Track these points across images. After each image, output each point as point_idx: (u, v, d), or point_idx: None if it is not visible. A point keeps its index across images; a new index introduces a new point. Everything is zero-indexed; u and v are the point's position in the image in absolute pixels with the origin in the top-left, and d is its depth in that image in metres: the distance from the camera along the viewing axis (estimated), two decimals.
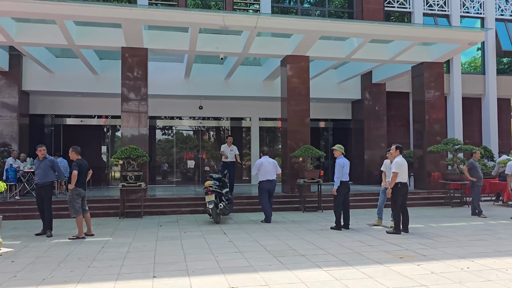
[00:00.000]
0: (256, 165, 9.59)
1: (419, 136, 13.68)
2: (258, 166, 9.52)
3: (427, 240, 7.22)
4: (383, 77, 15.85)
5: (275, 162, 9.70)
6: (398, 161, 8.11)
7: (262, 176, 9.48)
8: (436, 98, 13.38)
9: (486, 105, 18.60)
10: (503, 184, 12.21)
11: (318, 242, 7.11)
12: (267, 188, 9.49)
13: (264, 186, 9.48)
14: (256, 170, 9.58)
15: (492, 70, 18.43)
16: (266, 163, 9.50)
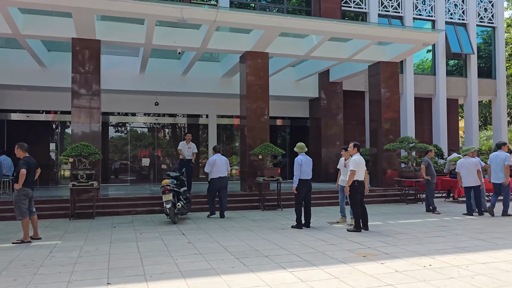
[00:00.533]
0: (210, 163, 9.71)
1: (375, 134, 13.93)
2: (212, 163, 9.68)
3: (388, 238, 7.27)
4: (340, 76, 16.02)
5: (227, 160, 9.93)
6: (355, 159, 8.12)
7: (215, 173, 9.69)
8: (392, 97, 13.68)
9: (436, 105, 19.31)
10: (454, 181, 12.66)
11: (280, 242, 6.97)
12: (219, 185, 9.72)
13: (216, 183, 9.71)
14: (210, 167, 9.71)
15: (442, 71, 19.15)
16: (219, 161, 9.71)
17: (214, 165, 9.66)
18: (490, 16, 20.36)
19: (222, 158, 9.80)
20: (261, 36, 11.15)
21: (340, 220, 9.06)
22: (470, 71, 19.75)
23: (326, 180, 16.11)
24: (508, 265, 5.43)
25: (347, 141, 17.48)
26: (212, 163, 9.68)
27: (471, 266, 5.40)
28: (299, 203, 8.40)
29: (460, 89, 19.82)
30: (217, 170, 9.68)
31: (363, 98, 18.48)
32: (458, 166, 10.21)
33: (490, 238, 7.22)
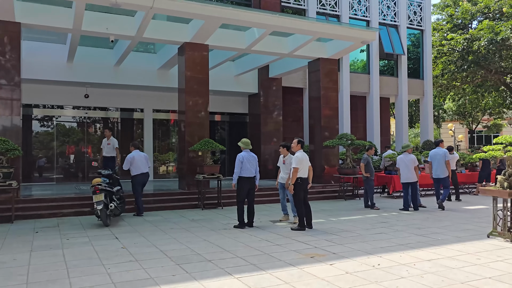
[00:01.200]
0: (128, 160, 9.41)
1: (313, 131, 13.96)
2: (131, 160, 9.39)
3: (333, 236, 7.15)
4: (279, 72, 15.91)
5: (146, 156, 9.76)
6: (298, 156, 7.93)
7: (136, 170, 9.42)
8: (331, 94, 13.78)
9: (370, 103, 19.91)
10: (388, 177, 13.03)
11: (223, 244, 6.57)
12: (142, 182, 9.54)
13: (139, 179, 9.48)
14: (129, 165, 9.41)
15: (375, 71, 19.78)
16: (138, 157, 9.48)
17: (133, 162, 9.41)
18: (419, 19, 21.36)
19: (141, 154, 9.59)
20: (201, 27, 10.63)
21: (282, 218, 8.86)
22: (401, 71, 20.60)
23: (265, 177, 15.92)
24: (452, 262, 5.47)
25: (285, 138, 17.50)
26: (131, 160, 9.42)
27: (418, 264, 5.37)
28: (241, 202, 8.05)
29: (392, 88, 20.62)
30: (138, 167, 9.44)
31: (301, 95, 18.59)
32: (398, 162, 10.44)
33: (429, 233, 7.36)
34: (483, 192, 7.12)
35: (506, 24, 20.44)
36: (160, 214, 9.70)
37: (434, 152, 10.76)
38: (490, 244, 6.49)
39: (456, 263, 5.41)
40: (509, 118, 36.74)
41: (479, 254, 5.86)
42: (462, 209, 10.51)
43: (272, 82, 16.51)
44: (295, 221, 8.43)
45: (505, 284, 4.58)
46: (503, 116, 36.23)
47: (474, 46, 21.24)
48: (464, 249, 6.19)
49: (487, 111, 34.90)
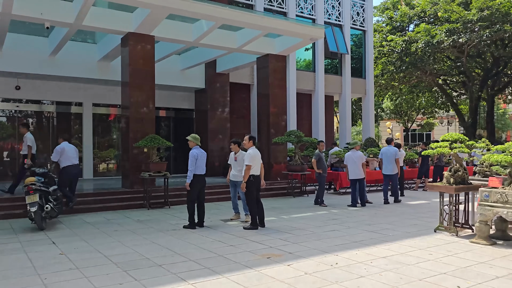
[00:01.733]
0: (58, 150, 8.97)
1: (262, 128, 13.81)
2: (60, 151, 8.95)
3: (286, 235, 6.99)
4: (227, 67, 15.60)
5: (75, 148, 9.41)
6: (250, 153, 7.72)
7: (66, 161, 8.98)
8: (279, 90, 13.70)
9: (315, 101, 20.17)
10: (335, 173, 13.21)
11: (174, 246, 6.18)
12: (74, 173, 9.15)
13: (71, 170, 9.03)
14: (58, 156, 8.92)
15: (321, 69, 20.06)
16: (68, 148, 9.10)
17: (63, 152, 8.96)
18: (361, 20, 21.96)
19: (71, 146, 9.24)
20: (147, 16, 10.06)
21: (234, 217, 8.59)
22: (344, 70, 21.06)
23: (212, 174, 15.55)
24: (406, 258, 5.50)
25: (232, 134, 17.22)
26: (61, 151, 8.94)
27: (374, 261, 5.34)
28: (192, 201, 7.68)
29: (336, 87, 21.03)
30: (68, 158, 8.99)
31: (248, 91, 18.40)
32: (346, 159, 10.54)
33: (380, 229, 7.44)
34: (430, 188, 7.30)
35: (441, 28, 21.55)
36: (102, 215, 9.06)
37: (386, 150, 11.18)
38: (438, 239, 6.66)
39: (410, 259, 5.45)
40: (440, 118, 39.13)
41: (430, 249, 5.96)
42: (405, 204, 10.84)
43: (220, 77, 16.16)
44: (246, 219, 8.21)
45: (460, 279, 4.64)
46: (435, 116, 38.52)
47: (412, 48, 22.22)
48: (415, 244, 6.29)
49: (421, 111, 36.91)
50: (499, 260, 5.42)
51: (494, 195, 6.25)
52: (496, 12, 19.89)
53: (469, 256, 5.60)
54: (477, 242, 6.38)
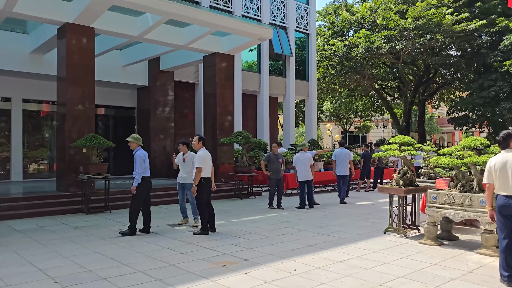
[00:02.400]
0: None
1: (209, 128, 13.45)
2: None
3: (239, 240, 6.73)
4: (172, 65, 15.07)
5: None
6: (201, 154, 7.38)
7: None
8: (226, 90, 13.42)
9: (260, 102, 20.12)
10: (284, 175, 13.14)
11: (119, 256, 5.69)
12: None
13: None
14: None
15: (266, 70, 20.05)
16: None
17: None
18: (305, 23, 22.26)
19: None
20: (87, 6, 9.35)
21: (182, 221, 8.17)
22: (289, 72, 21.23)
23: (155, 175, 14.90)
24: (363, 262, 5.46)
25: (177, 134, 16.70)
26: None
27: (332, 266, 5.23)
28: (138, 205, 7.18)
29: (280, 88, 21.14)
30: None
31: (193, 90, 17.92)
32: (295, 161, 10.48)
33: (332, 232, 7.41)
34: (380, 190, 7.39)
35: (379, 34, 22.40)
36: (34, 222, 8.24)
37: (339, 152, 11.62)
38: (389, 241, 6.73)
39: (367, 263, 5.41)
40: (376, 121, 40.92)
41: (384, 252, 5.99)
42: (352, 205, 11.00)
43: (164, 75, 15.56)
44: (196, 224, 7.85)
45: (418, 282, 4.65)
46: (371, 119, 40.19)
47: (353, 52, 22.88)
48: (369, 247, 6.30)
49: (358, 114, 38.33)
50: (450, 261, 5.54)
51: (442, 197, 6.42)
52: (429, 22, 21.01)
53: (421, 258, 5.68)
54: (426, 243, 6.52)
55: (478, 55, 22.74)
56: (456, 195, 6.28)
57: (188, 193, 8.06)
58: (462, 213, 6.20)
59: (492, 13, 22.36)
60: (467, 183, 6.44)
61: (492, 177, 4.73)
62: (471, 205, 6.11)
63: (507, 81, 21.34)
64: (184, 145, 8.14)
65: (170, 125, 15.79)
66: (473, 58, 23.09)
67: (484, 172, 4.99)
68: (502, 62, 21.15)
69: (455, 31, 21.10)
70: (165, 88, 15.65)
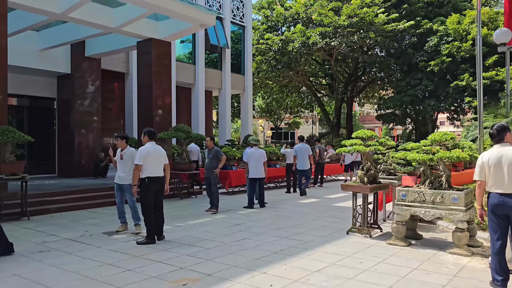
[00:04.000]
0: None
1: (144, 122, 12.17)
2: None
3: (194, 249, 5.83)
4: (99, 51, 13.50)
5: None
6: (141, 149, 6.38)
7: None
8: (164, 81, 12.26)
9: (195, 95, 19.09)
10: (224, 172, 12.31)
11: (46, 279, 4.54)
12: None
13: None
14: None
15: (201, 62, 19.04)
16: None
17: None
18: (241, 15, 21.56)
19: None
20: None
21: (120, 228, 7.04)
22: (225, 64, 20.39)
23: (81, 174, 13.33)
24: (341, 270, 4.87)
25: (105, 128, 15.18)
26: None
27: (311, 278, 4.57)
28: None
29: (215, 82, 20.24)
30: None
31: (123, 81, 16.42)
32: (247, 156, 9.70)
33: (292, 234, 6.77)
34: (344, 188, 6.89)
35: (314, 30, 22.37)
36: None
37: (299, 147, 11.81)
38: (356, 242, 6.24)
39: (346, 271, 4.83)
40: (306, 117, 41.54)
41: (357, 257, 5.45)
42: (301, 203, 10.46)
43: (89, 62, 13.92)
44: (137, 231, 6.80)
45: None
46: (301, 115, 40.70)
47: (289, 47, 22.61)
48: (338, 251, 5.74)
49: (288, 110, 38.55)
50: (427, 264, 5.15)
51: (411, 195, 6.06)
52: (362, 20, 21.39)
53: (398, 262, 5.23)
54: (395, 243, 6.12)
55: (405, 54, 23.67)
56: (426, 192, 5.94)
57: (127, 195, 6.96)
58: (433, 211, 5.88)
59: (417, 15, 23.39)
60: (436, 179, 6.14)
61: (485, 173, 4.35)
62: (442, 202, 5.80)
63: (431, 80, 22.45)
64: (123, 139, 7.05)
65: (95, 118, 14.18)
66: (400, 57, 23.99)
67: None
68: (427, 62, 22.21)
69: (386, 30, 21.70)
70: (90, 77, 14.02)
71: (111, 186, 9.97)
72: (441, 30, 22.31)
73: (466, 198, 5.78)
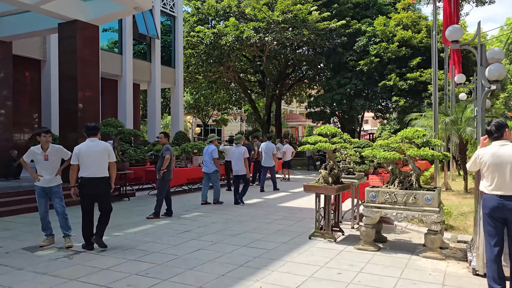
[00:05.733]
0: None
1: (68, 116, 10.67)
2: None
3: (142, 264, 4.88)
4: (10, 33, 11.68)
5: None
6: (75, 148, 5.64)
7: None
8: (91, 70, 10.83)
9: (122, 88, 17.62)
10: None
11: None
12: None
13: None
14: None
15: (129, 52, 17.60)
16: None
17: None
18: (172, 4, 20.37)
19: None
20: None
21: (45, 242, 5.81)
22: (154, 56, 19.10)
23: None
24: (322, 285, 4.28)
25: (17, 123, 13.29)
26: None
27: None
28: None
29: (144, 74, 18.87)
30: None
31: (38, 69, 14.51)
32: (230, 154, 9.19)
33: (251, 242, 6.06)
34: (307, 189, 6.32)
35: (248, 25, 21.79)
36: None
37: (265, 145, 12.69)
38: (323, 249, 5.71)
39: (329, 285, 4.25)
40: (234, 114, 40.97)
41: (331, 266, 4.92)
42: (248, 205, 9.77)
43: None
44: (68, 244, 5.66)
45: None
46: (229, 112, 40.03)
47: (222, 41, 21.77)
48: (308, 260, 5.16)
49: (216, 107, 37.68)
50: (408, 272, 4.75)
51: (382, 196, 5.66)
52: (296, 16, 21.26)
53: (378, 270, 4.77)
54: (365, 248, 5.69)
55: (335, 54, 24.04)
56: (398, 193, 5.58)
57: (56, 200, 5.79)
58: (406, 213, 5.54)
59: (345, 15, 23.86)
60: (405, 178, 5.81)
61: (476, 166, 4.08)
62: (415, 203, 5.48)
63: (360, 79, 23.02)
64: (47, 134, 5.83)
65: (4, 111, 12.25)
66: (330, 56, 24.33)
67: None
68: (357, 61, 22.73)
69: (318, 28, 21.79)
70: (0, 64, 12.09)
71: (28, 189, 8.60)
72: (369, 30, 22.96)
73: (438, 198, 5.51)
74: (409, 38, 22.01)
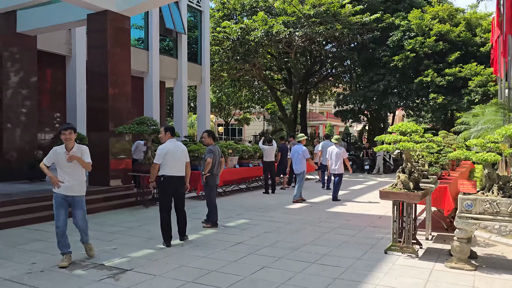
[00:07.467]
0: None
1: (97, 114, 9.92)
2: None
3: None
4: (35, 26, 10.98)
5: None
6: (161, 148, 5.87)
7: None
8: (123, 65, 10.10)
9: (148, 85, 16.94)
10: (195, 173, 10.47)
11: None
12: None
13: None
14: None
15: (155, 48, 16.89)
16: None
17: None
18: None
19: None
20: None
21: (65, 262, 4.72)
22: (181, 52, 18.36)
23: (10, 178, 10.70)
24: None
25: (42, 121, 12.67)
26: None
27: None
28: None
29: (170, 71, 18.14)
30: None
31: (63, 65, 13.87)
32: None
33: (319, 257, 5.16)
34: (384, 196, 5.40)
35: (277, 19, 20.88)
36: None
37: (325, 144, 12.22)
38: (410, 267, 4.79)
39: None
40: (257, 113, 40.09)
41: None
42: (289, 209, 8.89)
43: (22, 40, 11.30)
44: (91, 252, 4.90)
45: None
46: (252, 111, 39.19)
47: (250, 36, 20.87)
48: (399, 282, 4.25)
49: (239, 106, 36.88)
50: None
51: (480, 205, 4.71)
52: (327, 10, 20.27)
53: None
54: (460, 267, 4.75)
55: (366, 49, 22.96)
56: (501, 201, 4.62)
57: (79, 212, 4.92)
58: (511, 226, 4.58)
59: (377, 9, 22.72)
60: (506, 184, 4.85)
61: None
62: None
63: (394, 75, 21.88)
64: (71, 131, 4.94)
65: (29, 110, 11.59)
66: (362, 52, 23.24)
67: None
68: (390, 57, 21.59)
69: (351, 22, 20.76)
70: (24, 59, 11.40)
71: None
72: (404, 24, 21.82)
73: None
74: (446, 32, 20.78)
